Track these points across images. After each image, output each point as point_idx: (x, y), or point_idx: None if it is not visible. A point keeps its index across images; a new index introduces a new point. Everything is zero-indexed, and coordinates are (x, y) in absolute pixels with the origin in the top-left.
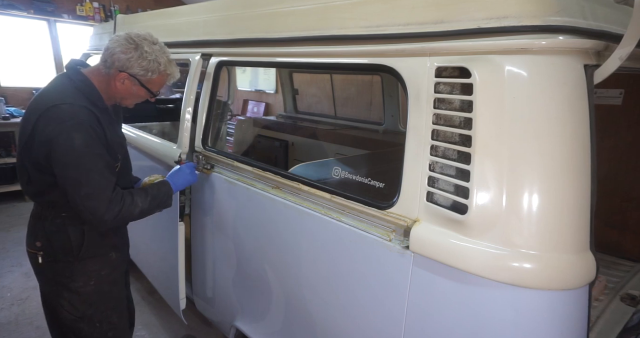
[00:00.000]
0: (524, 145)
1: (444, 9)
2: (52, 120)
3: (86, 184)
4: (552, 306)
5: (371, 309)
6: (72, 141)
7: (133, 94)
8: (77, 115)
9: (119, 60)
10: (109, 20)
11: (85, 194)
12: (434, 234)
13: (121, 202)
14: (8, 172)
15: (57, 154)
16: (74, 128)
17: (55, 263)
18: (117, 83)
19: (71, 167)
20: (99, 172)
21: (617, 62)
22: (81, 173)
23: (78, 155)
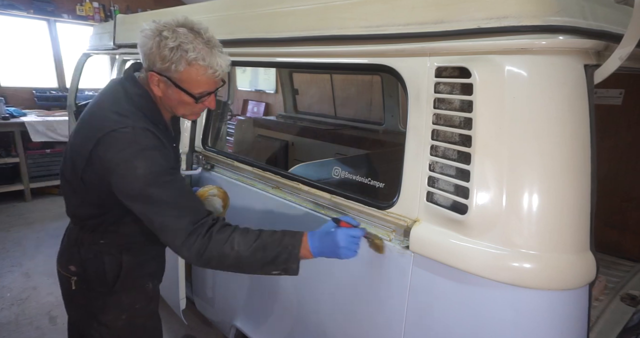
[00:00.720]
0: (524, 145)
1: (444, 9)
2: (111, 148)
3: (158, 216)
4: (552, 306)
5: (371, 309)
6: (135, 171)
7: (175, 100)
8: (137, 140)
9: (145, 54)
10: (109, 20)
11: (159, 227)
12: (434, 234)
13: (207, 237)
14: (8, 172)
15: (119, 185)
16: (136, 154)
17: (89, 291)
18: (153, 88)
19: (139, 200)
20: (171, 202)
21: (617, 62)
22: (152, 205)
23: (145, 185)
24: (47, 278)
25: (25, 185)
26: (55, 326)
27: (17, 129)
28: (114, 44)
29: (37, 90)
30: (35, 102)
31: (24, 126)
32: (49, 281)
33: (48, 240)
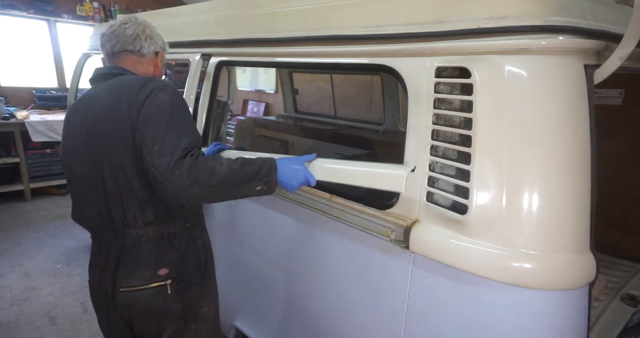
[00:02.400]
0: (524, 145)
1: (444, 9)
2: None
3: (161, 140)
4: (552, 306)
5: (371, 309)
6: (158, 98)
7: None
8: (168, 83)
9: (153, 40)
10: (109, 20)
11: (157, 150)
12: (434, 234)
13: (197, 156)
14: (8, 172)
15: (142, 115)
16: (164, 88)
17: (187, 289)
18: (159, 64)
19: (152, 122)
20: (177, 131)
21: (617, 62)
22: (160, 127)
23: (160, 111)
24: (47, 278)
25: (25, 185)
26: (55, 326)
27: (17, 129)
28: None
29: (37, 90)
30: (35, 102)
31: (24, 126)
32: (49, 281)
33: (48, 240)
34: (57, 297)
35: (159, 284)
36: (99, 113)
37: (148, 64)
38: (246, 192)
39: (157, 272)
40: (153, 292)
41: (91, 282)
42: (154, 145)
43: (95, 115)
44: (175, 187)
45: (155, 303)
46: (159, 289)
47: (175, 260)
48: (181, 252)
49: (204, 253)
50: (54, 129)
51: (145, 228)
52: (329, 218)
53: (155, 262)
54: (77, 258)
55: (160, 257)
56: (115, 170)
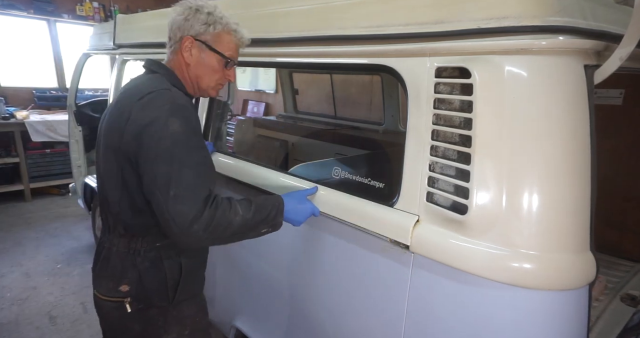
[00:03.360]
0: (524, 146)
1: (444, 9)
2: (148, 106)
3: (177, 182)
4: (552, 306)
5: (371, 309)
6: (168, 127)
7: (206, 66)
8: (176, 99)
9: (179, 25)
10: (109, 20)
11: (174, 195)
12: (434, 234)
13: (215, 206)
14: (8, 172)
15: (148, 143)
16: (172, 112)
17: (147, 310)
18: (184, 55)
19: (163, 159)
20: (194, 168)
21: (617, 62)
22: (173, 167)
23: (173, 144)
24: (47, 278)
25: (25, 185)
26: (55, 326)
27: (17, 129)
28: (114, 44)
29: (37, 90)
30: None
31: (24, 126)
32: (49, 281)
33: (48, 240)
34: (57, 297)
35: (118, 300)
36: (109, 115)
37: (177, 56)
38: (252, 235)
39: (118, 287)
40: (113, 306)
41: None
42: (169, 188)
43: (108, 116)
44: (188, 240)
45: (114, 317)
46: (118, 305)
47: (135, 280)
48: (142, 271)
49: (174, 276)
50: (54, 129)
51: (119, 239)
52: (329, 218)
53: (118, 276)
54: (77, 258)
55: (123, 272)
56: (103, 178)
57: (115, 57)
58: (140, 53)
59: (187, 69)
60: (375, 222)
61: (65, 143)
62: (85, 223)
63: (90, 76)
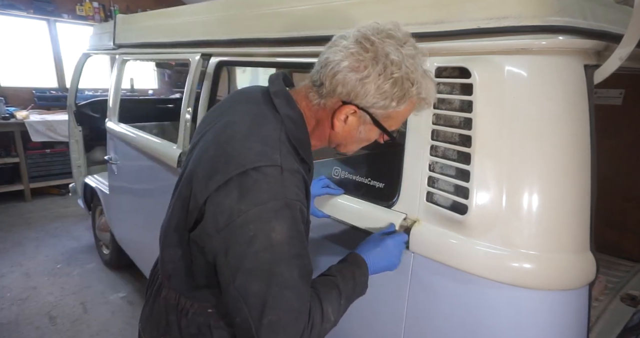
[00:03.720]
0: (523, 146)
1: (444, 9)
2: (247, 196)
3: (274, 307)
4: (552, 306)
5: (371, 309)
6: (270, 237)
7: (359, 138)
8: (286, 191)
9: (345, 83)
10: (109, 20)
11: (269, 323)
12: (434, 234)
13: (311, 325)
14: (8, 172)
15: (241, 252)
16: (279, 213)
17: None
18: (335, 121)
19: (259, 276)
20: (297, 288)
21: (617, 62)
22: (272, 288)
23: (276, 259)
24: (47, 278)
25: (25, 185)
26: (55, 326)
27: (17, 129)
28: (114, 44)
29: (37, 90)
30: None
31: (24, 126)
32: (49, 281)
33: (48, 240)
34: (57, 297)
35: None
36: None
37: (318, 110)
38: None
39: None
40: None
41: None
42: (263, 314)
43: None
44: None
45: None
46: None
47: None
48: (185, 336)
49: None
50: (54, 129)
51: (168, 286)
52: (328, 218)
53: (162, 329)
54: (77, 258)
55: (167, 328)
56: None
57: (115, 57)
58: (140, 53)
59: (326, 131)
60: (374, 223)
61: (65, 143)
62: (85, 223)
63: (90, 76)
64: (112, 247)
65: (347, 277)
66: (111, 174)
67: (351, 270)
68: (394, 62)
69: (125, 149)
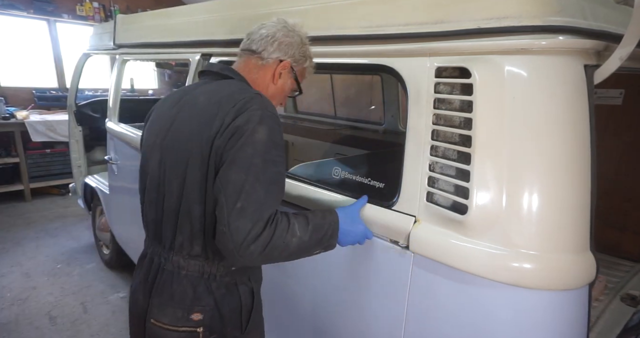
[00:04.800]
0: (524, 145)
1: (444, 9)
2: (243, 109)
3: (247, 195)
4: (552, 306)
5: (371, 309)
6: (254, 134)
7: (283, 91)
8: (267, 106)
9: (281, 46)
10: (109, 20)
11: (240, 207)
12: (434, 234)
13: (275, 225)
14: (8, 172)
15: (232, 145)
16: (262, 119)
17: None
18: (275, 76)
19: (240, 166)
20: (267, 184)
21: (617, 62)
22: (248, 178)
23: (254, 153)
24: (47, 278)
25: (25, 185)
26: (55, 326)
27: (17, 129)
28: (114, 44)
29: (37, 90)
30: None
31: (24, 126)
32: (49, 281)
33: (48, 240)
34: (57, 297)
35: (190, 330)
36: (187, 121)
37: (265, 71)
38: (304, 256)
39: (189, 316)
40: (182, 336)
41: (131, 293)
42: (237, 199)
43: (183, 121)
44: (242, 258)
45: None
46: (189, 335)
47: (211, 307)
48: (218, 298)
49: (247, 303)
50: (54, 129)
51: (188, 260)
52: None
53: (190, 303)
54: (77, 258)
55: (196, 299)
56: (181, 187)
57: (115, 57)
58: (140, 53)
59: (267, 87)
60: (374, 224)
61: (65, 143)
62: (85, 223)
63: (90, 76)
64: (112, 247)
65: (318, 215)
66: (111, 174)
67: (322, 212)
68: (303, 38)
69: (125, 149)
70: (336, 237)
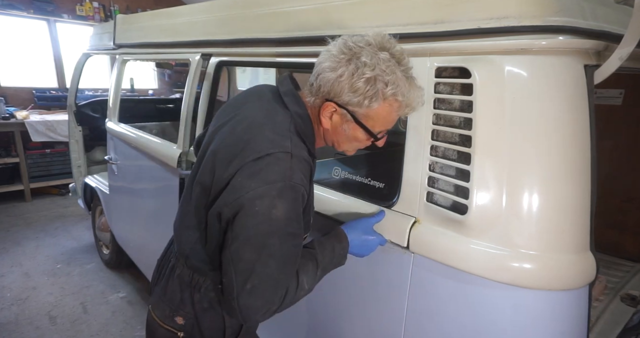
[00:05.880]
0: (524, 146)
1: (444, 9)
2: (259, 175)
3: (258, 275)
4: (552, 306)
5: (371, 309)
6: (271, 212)
7: (345, 135)
8: (293, 174)
9: (325, 81)
10: (109, 20)
11: (250, 289)
12: (434, 234)
13: (285, 296)
14: (8, 172)
15: (244, 222)
16: (283, 192)
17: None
18: (322, 118)
19: (253, 245)
20: (281, 260)
21: (617, 62)
22: (261, 258)
23: (271, 233)
24: (47, 278)
25: (25, 185)
26: (55, 326)
27: (17, 129)
28: (114, 44)
29: (37, 90)
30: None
31: (24, 126)
32: (49, 281)
33: (48, 240)
34: (57, 297)
35: (173, 331)
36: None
37: (315, 113)
38: None
39: (174, 317)
40: (166, 334)
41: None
42: (247, 280)
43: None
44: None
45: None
46: (171, 335)
47: (191, 317)
48: (198, 311)
49: (233, 325)
50: (54, 129)
51: (183, 268)
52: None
53: (175, 306)
54: (77, 258)
55: (181, 304)
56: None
57: (115, 57)
58: (140, 53)
59: (322, 130)
60: None
61: (65, 143)
62: (85, 223)
63: (90, 76)
64: (112, 247)
65: (327, 250)
66: (111, 174)
67: (332, 244)
68: (366, 63)
69: (125, 149)
70: (345, 259)
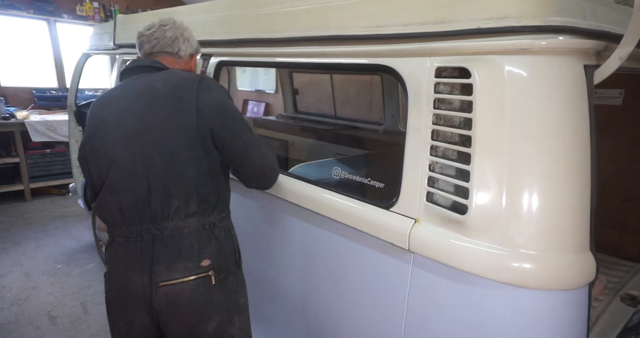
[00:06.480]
0: (523, 146)
1: (444, 9)
2: (212, 88)
3: (261, 143)
4: (552, 306)
5: (371, 309)
6: (234, 107)
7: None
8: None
9: (191, 43)
10: (109, 20)
11: (265, 152)
12: (434, 234)
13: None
14: (8, 172)
15: (230, 119)
16: (227, 94)
17: (226, 279)
18: (192, 65)
19: (246, 129)
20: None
21: (617, 62)
22: (253, 134)
23: (237, 115)
24: (47, 278)
25: (25, 185)
26: (55, 326)
27: (17, 129)
28: (114, 44)
29: (37, 90)
30: (35, 102)
31: (24, 126)
32: (49, 281)
33: (48, 240)
34: (57, 297)
35: (203, 275)
36: (156, 102)
37: (184, 66)
38: None
39: (199, 263)
40: (197, 283)
41: (116, 281)
42: (259, 148)
43: (151, 104)
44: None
45: (199, 294)
46: (203, 280)
47: (216, 250)
48: (221, 241)
49: (236, 242)
50: (54, 128)
51: (187, 220)
52: (328, 218)
53: (197, 253)
54: (77, 258)
55: (202, 248)
56: (167, 159)
57: (115, 57)
58: None
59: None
60: (373, 225)
61: (65, 143)
62: (85, 223)
63: (90, 76)
64: None
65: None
66: None
67: None
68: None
69: None
70: None
